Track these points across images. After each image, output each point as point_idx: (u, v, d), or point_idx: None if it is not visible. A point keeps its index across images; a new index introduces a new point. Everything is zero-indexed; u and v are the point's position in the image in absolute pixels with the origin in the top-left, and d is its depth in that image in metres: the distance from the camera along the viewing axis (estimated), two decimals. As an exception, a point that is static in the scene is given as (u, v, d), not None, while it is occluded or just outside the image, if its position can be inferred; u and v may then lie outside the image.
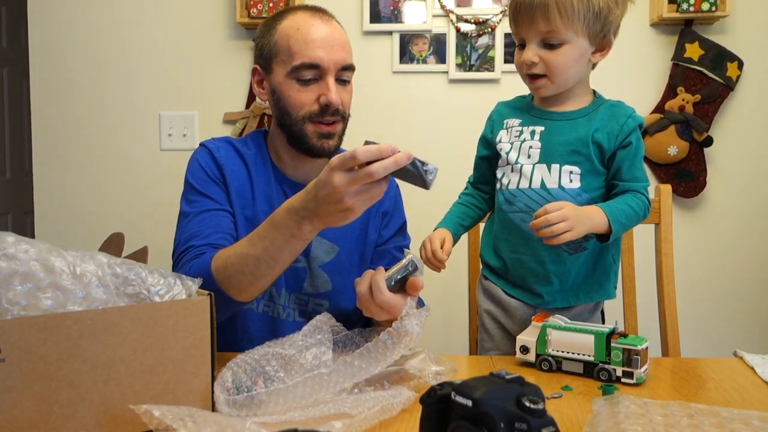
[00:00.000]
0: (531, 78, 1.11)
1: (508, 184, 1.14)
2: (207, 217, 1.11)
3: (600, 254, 1.15)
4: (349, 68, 1.15)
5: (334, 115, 1.14)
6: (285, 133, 1.17)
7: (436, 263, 1.12)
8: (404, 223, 1.32)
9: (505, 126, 1.18)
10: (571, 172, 1.09)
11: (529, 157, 1.12)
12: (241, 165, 1.19)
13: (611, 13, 1.07)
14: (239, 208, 1.16)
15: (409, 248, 1.32)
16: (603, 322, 1.24)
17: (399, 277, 0.96)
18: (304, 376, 0.83)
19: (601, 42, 1.10)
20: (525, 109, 1.19)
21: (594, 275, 1.15)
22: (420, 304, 1.22)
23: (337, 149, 1.18)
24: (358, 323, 1.10)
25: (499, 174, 1.17)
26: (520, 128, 1.15)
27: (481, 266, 1.27)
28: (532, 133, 1.13)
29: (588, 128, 1.10)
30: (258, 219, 1.14)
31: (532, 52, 1.08)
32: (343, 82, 1.15)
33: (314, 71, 1.12)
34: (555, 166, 1.10)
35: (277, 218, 0.94)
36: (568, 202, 1.02)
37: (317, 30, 1.12)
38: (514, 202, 1.14)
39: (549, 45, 1.07)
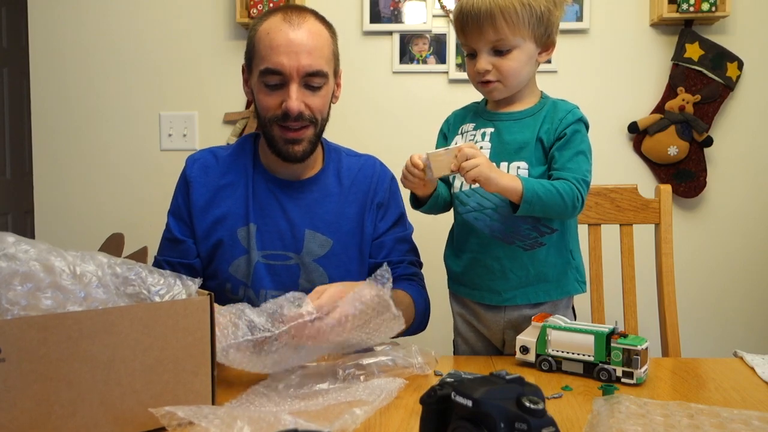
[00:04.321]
0: (483, 84, 1.14)
1: (461, 186, 1.17)
2: (166, 246, 1.24)
3: (558, 251, 1.16)
4: (317, 74, 1.13)
5: (298, 121, 1.14)
6: (263, 134, 1.21)
7: (417, 173, 1.09)
8: (402, 214, 1.31)
9: (460, 131, 1.21)
10: (518, 168, 1.11)
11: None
12: (215, 169, 1.24)
13: (552, 14, 1.12)
14: (206, 215, 1.21)
15: (411, 238, 1.32)
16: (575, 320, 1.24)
17: None
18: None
19: (546, 42, 1.14)
20: (478, 113, 1.22)
21: (552, 272, 1.15)
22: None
23: (307, 154, 1.19)
24: None
25: (450, 177, 1.20)
26: (474, 132, 1.18)
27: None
28: (483, 135, 1.17)
29: (534, 127, 1.13)
30: (224, 217, 1.20)
31: (484, 61, 1.12)
32: (312, 88, 1.15)
33: (278, 77, 1.13)
34: (503, 164, 1.12)
35: None
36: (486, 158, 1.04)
37: (283, 35, 1.12)
38: (467, 202, 1.17)
39: (499, 52, 1.11)
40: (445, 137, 1.25)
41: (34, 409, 0.67)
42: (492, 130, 1.16)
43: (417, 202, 1.19)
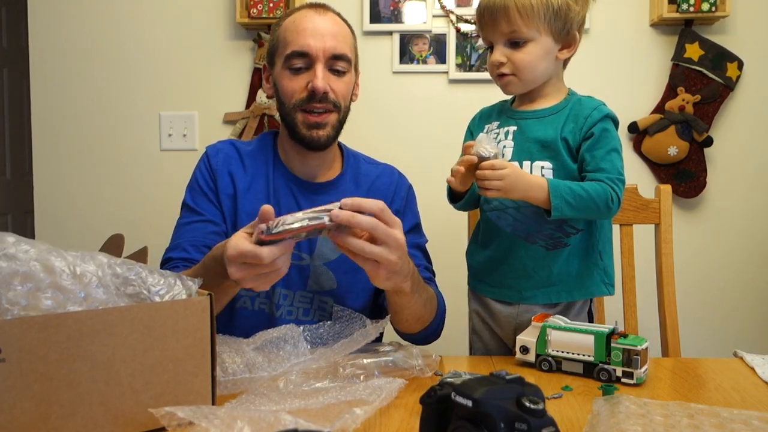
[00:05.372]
0: (499, 77, 1.14)
1: None
2: (189, 230, 1.19)
3: (585, 251, 1.14)
4: (342, 58, 1.16)
5: (323, 103, 1.15)
6: (284, 125, 1.21)
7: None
8: (417, 224, 1.30)
9: (486, 130, 1.21)
10: (542, 167, 1.11)
11: (503, 156, 1.13)
12: (239, 164, 1.23)
13: (571, 10, 1.11)
14: (232, 209, 1.20)
15: (425, 247, 1.31)
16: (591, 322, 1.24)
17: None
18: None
19: (566, 39, 1.13)
20: (503, 111, 1.22)
21: (577, 273, 1.14)
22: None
23: (330, 140, 1.18)
24: None
25: None
26: (497, 130, 1.18)
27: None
28: (506, 133, 1.16)
29: (557, 126, 1.12)
30: (244, 214, 1.19)
31: (499, 53, 1.12)
32: (337, 72, 1.17)
33: (304, 59, 1.14)
34: (527, 163, 1.12)
35: (208, 262, 0.99)
36: (514, 166, 1.04)
37: (310, 20, 1.16)
38: (490, 200, 1.17)
39: (514, 44, 1.11)
40: (471, 135, 1.25)
41: (34, 409, 0.67)
42: (515, 128, 1.16)
43: (453, 198, 1.20)
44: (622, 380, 0.93)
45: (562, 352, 0.99)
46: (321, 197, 1.22)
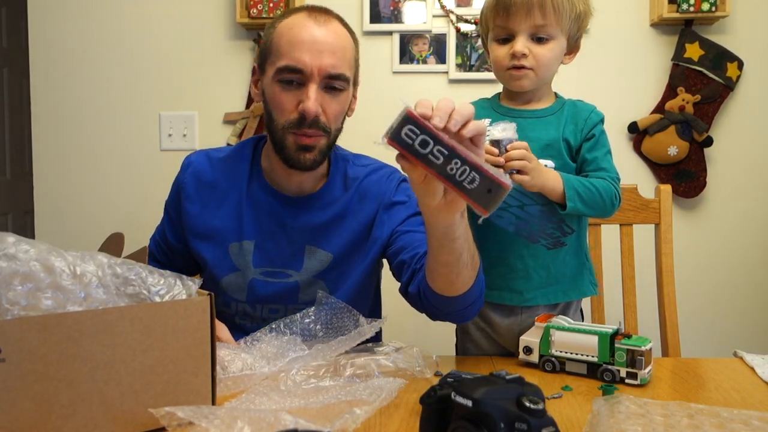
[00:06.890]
0: (515, 69, 1.11)
1: None
2: (158, 236, 1.29)
3: (575, 251, 1.16)
4: (339, 78, 1.06)
5: (312, 128, 1.06)
6: (272, 140, 1.13)
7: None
8: (419, 212, 1.18)
9: None
10: (545, 165, 1.10)
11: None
12: (209, 176, 1.19)
13: (585, 18, 1.14)
14: (197, 225, 1.18)
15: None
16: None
17: None
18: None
19: (573, 45, 1.16)
20: (493, 108, 1.19)
21: (571, 273, 1.16)
22: None
23: (317, 163, 1.11)
24: None
25: None
26: (489, 128, 1.14)
27: None
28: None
29: (558, 126, 1.13)
30: (216, 231, 1.16)
31: (522, 44, 1.10)
32: (332, 91, 1.07)
33: (297, 75, 1.05)
34: None
35: None
36: (535, 158, 1.04)
37: (307, 32, 1.05)
38: None
39: (538, 39, 1.11)
40: None
41: (34, 409, 0.67)
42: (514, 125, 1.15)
43: None
44: (626, 381, 0.93)
45: (566, 352, 0.98)
46: (304, 211, 1.16)
